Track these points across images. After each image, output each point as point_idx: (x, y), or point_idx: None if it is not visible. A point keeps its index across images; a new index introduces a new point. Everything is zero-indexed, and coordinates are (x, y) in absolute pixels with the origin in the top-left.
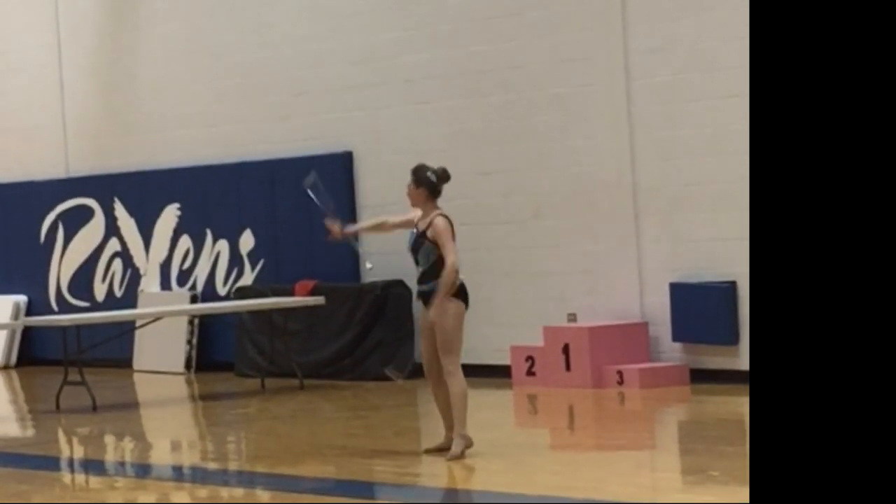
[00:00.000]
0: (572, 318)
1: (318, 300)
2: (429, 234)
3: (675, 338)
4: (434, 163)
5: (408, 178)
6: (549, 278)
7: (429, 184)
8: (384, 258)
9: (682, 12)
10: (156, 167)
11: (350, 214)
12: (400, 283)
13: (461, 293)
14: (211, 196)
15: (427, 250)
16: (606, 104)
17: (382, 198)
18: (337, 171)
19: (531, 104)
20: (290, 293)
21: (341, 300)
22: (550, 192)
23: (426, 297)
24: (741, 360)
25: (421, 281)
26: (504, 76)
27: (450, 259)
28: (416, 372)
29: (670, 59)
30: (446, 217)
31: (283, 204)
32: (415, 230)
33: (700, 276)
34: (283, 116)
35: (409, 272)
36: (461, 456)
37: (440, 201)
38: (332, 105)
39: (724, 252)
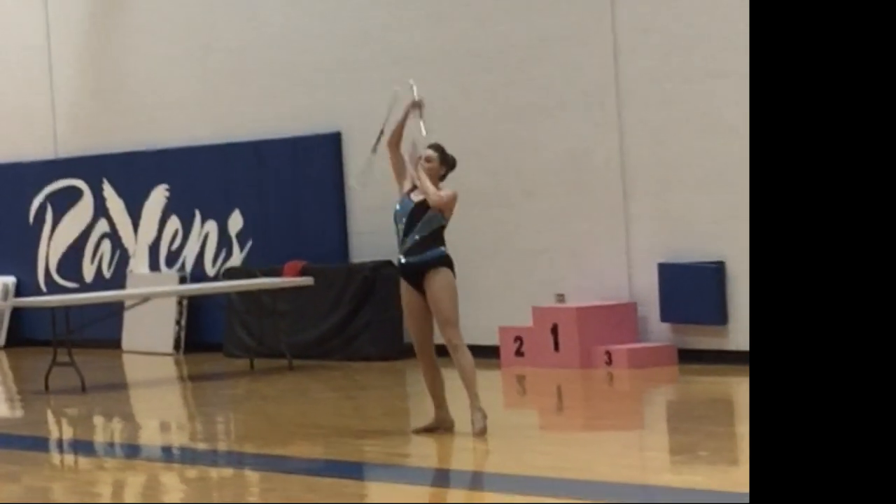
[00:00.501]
0: (561, 298)
1: (307, 281)
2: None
3: (664, 318)
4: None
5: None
6: (537, 258)
7: (450, 166)
8: (372, 238)
9: None
10: (144, 148)
11: (340, 193)
12: (389, 264)
13: (450, 263)
14: (199, 177)
15: (430, 217)
16: (595, 84)
17: (370, 178)
18: (326, 151)
19: (520, 85)
20: (279, 274)
21: (330, 281)
22: (539, 172)
23: (416, 270)
24: (729, 340)
25: (412, 251)
26: (493, 56)
27: (451, 197)
28: (404, 352)
29: (660, 38)
30: (455, 192)
31: (272, 185)
32: (409, 198)
33: (688, 257)
34: (271, 97)
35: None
36: (485, 430)
37: None
38: (320, 86)
39: (713, 232)
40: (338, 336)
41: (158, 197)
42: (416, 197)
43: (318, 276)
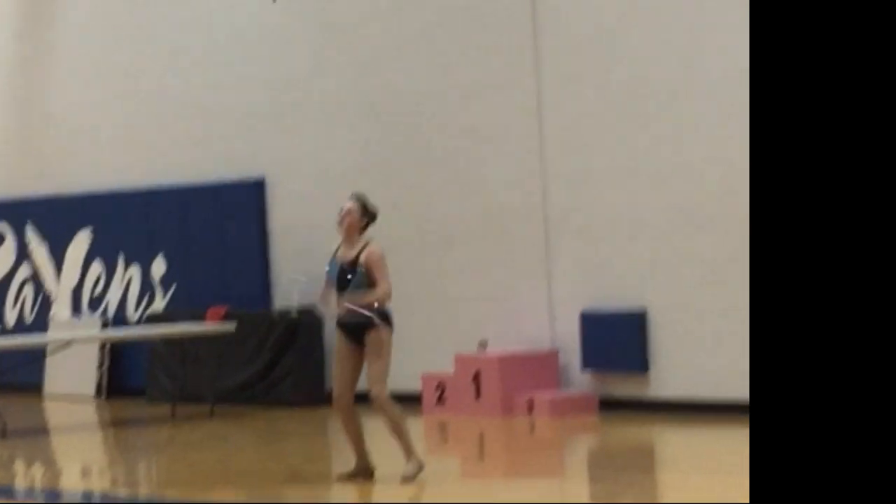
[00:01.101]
0: (483, 346)
1: (229, 328)
2: (362, 260)
3: (585, 366)
4: (346, 190)
5: (320, 205)
6: (460, 306)
7: (373, 216)
8: (295, 283)
9: (595, 42)
10: (68, 192)
11: (263, 239)
12: (312, 311)
13: (387, 318)
14: (123, 222)
15: (359, 279)
16: (518, 132)
17: (293, 224)
18: (250, 197)
19: (443, 132)
20: (202, 319)
21: (253, 326)
22: (461, 220)
23: (354, 328)
24: (650, 387)
25: (349, 312)
26: (416, 103)
27: (385, 284)
28: (326, 399)
29: (582, 88)
30: (378, 245)
31: (196, 230)
32: (337, 260)
33: (611, 305)
34: (195, 142)
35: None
36: (414, 478)
37: None
38: (244, 131)
39: (635, 280)
40: (260, 382)
41: (82, 241)
42: (345, 257)
43: (241, 321)
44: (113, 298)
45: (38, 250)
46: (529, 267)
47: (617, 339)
